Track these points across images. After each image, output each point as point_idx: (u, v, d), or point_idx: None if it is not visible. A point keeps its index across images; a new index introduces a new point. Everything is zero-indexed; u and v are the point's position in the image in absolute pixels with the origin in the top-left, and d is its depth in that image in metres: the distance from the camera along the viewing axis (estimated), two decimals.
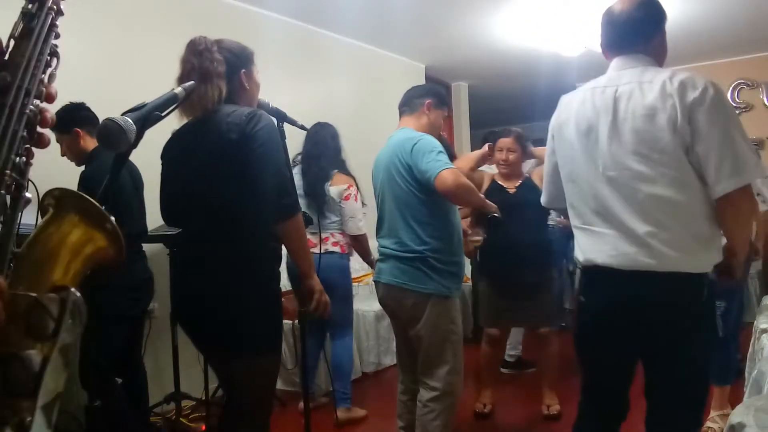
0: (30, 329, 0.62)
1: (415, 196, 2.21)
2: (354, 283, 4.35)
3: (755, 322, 2.95)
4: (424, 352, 2.25)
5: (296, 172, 3.10)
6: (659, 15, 1.69)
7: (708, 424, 2.84)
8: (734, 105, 6.22)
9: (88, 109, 2.61)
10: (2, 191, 0.59)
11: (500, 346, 3.40)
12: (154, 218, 2.52)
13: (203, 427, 3.04)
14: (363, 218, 3.25)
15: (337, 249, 3.21)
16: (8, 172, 0.60)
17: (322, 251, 2.99)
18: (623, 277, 1.61)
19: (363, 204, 3.28)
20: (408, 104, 2.42)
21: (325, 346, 3.40)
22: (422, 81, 6.08)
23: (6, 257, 0.60)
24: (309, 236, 2.00)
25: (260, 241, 1.72)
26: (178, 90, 1.41)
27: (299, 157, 3.26)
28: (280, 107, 1.97)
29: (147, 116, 1.21)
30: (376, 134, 5.06)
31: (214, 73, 1.70)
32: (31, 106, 0.64)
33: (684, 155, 1.53)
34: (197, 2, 3.89)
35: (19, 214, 0.63)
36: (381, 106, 5.23)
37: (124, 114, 1.14)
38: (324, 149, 3.22)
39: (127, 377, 2.66)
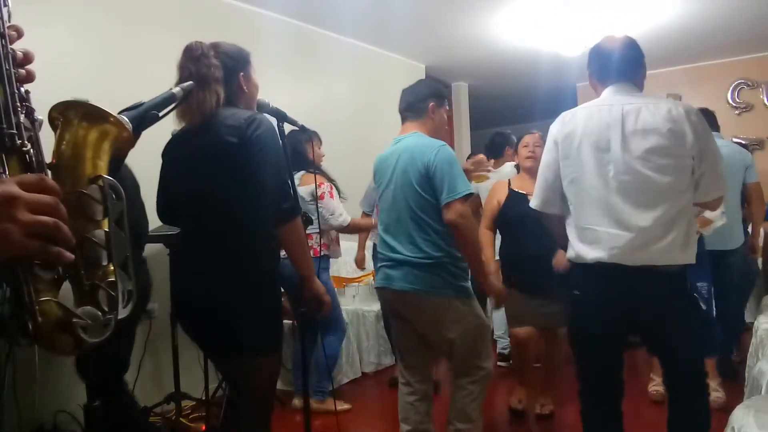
0: (86, 216, 0.79)
1: (434, 204, 2.19)
2: (353, 283, 4.36)
3: (755, 322, 2.95)
4: (459, 354, 2.26)
5: None
6: (642, 53, 2.07)
7: (714, 394, 3.00)
8: (734, 105, 6.23)
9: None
10: (22, 118, 0.71)
11: (525, 344, 3.25)
12: (154, 218, 2.51)
13: (203, 427, 3.04)
14: (343, 209, 3.28)
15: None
16: (18, 103, 0.71)
17: None
18: (625, 272, 1.85)
19: (341, 198, 3.32)
20: (411, 109, 2.38)
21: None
22: None
23: (45, 169, 0.73)
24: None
25: (259, 241, 1.72)
26: (176, 89, 1.41)
27: None
28: (280, 107, 1.97)
29: (144, 115, 1.21)
30: (376, 134, 5.08)
31: (212, 79, 1.70)
32: (10, 46, 0.73)
33: (689, 165, 1.87)
34: (197, 2, 3.89)
35: (39, 133, 0.74)
36: (381, 106, 5.22)
37: (120, 113, 1.14)
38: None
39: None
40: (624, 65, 2.02)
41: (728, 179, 2.11)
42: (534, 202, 2.13)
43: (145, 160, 2.04)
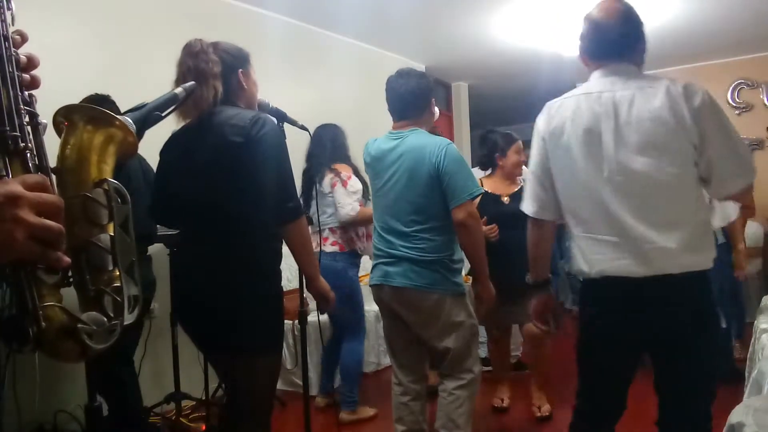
0: (90, 220, 0.78)
1: (438, 203, 2.20)
2: None
3: (755, 322, 2.95)
4: (454, 351, 2.26)
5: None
6: (640, 24, 1.74)
7: None
8: (734, 105, 6.23)
9: (113, 103, 2.51)
10: (25, 122, 0.70)
11: (504, 343, 3.43)
12: None
13: (203, 427, 3.04)
14: (352, 201, 3.10)
15: (335, 248, 3.19)
16: (22, 106, 0.70)
17: (321, 252, 3.00)
18: (635, 284, 1.61)
19: (366, 186, 3.13)
20: (413, 107, 2.36)
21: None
22: None
23: (49, 173, 0.72)
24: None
25: (260, 241, 1.73)
26: (179, 90, 1.40)
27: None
28: (280, 107, 1.97)
29: (147, 116, 1.20)
30: (375, 134, 5.07)
31: (210, 74, 1.71)
32: (13, 49, 0.71)
33: (690, 155, 1.58)
34: (197, 2, 3.89)
35: (43, 138, 0.73)
36: (381, 106, 5.20)
37: (123, 114, 1.14)
38: (321, 150, 3.22)
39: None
40: (618, 42, 1.70)
41: None
42: (528, 208, 1.84)
43: (147, 161, 2.04)
